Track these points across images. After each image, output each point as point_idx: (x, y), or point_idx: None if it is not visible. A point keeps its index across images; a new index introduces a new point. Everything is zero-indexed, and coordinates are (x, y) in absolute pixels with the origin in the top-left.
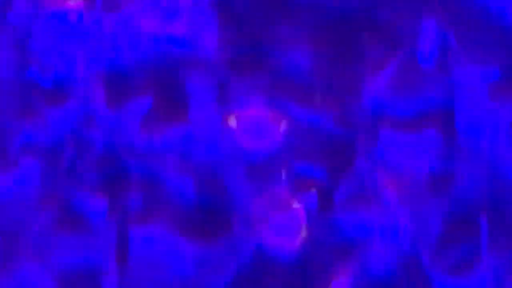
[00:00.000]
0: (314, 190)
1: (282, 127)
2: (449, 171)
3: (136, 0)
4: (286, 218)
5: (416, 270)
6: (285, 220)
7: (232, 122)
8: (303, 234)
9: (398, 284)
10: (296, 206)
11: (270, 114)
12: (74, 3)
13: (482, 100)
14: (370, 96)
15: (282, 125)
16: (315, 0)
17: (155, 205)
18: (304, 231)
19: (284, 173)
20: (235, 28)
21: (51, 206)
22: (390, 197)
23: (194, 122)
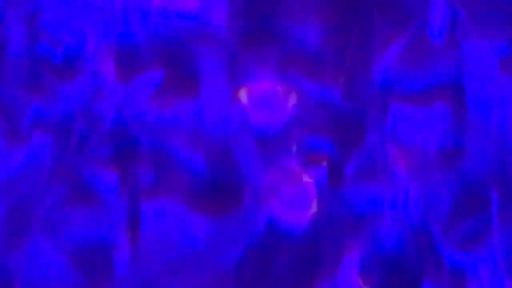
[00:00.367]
0: (324, 164)
1: (292, 101)
2: (459, 145)
3: None
4: (296, 192)
5: (426, 244)
6: (295, 194)
7: (243, 96)
8: (314, 208)
9: (409, 257)
10: (306, 180)
11: (280, 88)
12: None
13: (492, 74)
14: (380, 70)
15: (292, 99)
16: None
17: (166, 179)
18: (314, 205)
19: (294, 147)
20: (245, 3)
21: (63, 181)
22: (400, 171)
23: (205, 96)
